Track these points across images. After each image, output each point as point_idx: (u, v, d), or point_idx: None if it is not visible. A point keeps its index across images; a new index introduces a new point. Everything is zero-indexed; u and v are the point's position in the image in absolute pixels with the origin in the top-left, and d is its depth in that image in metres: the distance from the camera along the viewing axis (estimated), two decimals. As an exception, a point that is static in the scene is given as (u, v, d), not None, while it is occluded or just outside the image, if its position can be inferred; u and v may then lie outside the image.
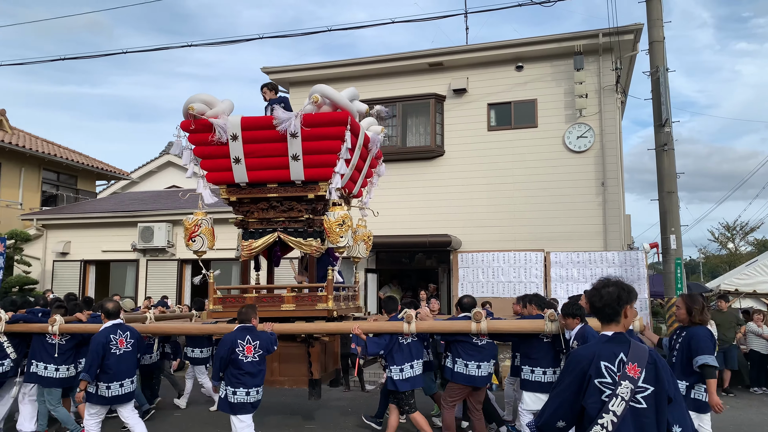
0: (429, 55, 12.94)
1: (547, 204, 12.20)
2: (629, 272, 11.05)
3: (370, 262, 13.17)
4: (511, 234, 12.29)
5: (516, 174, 12.48)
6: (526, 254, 11.85)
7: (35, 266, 15.13)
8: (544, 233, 12.09)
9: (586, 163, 12.14)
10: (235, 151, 6.61)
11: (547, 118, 12.47)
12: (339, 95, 6.47)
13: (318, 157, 6.47)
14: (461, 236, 12.50)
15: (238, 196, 6.91)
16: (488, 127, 12.87)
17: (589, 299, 2.93)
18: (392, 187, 13.11)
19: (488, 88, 12.87)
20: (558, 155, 12.31)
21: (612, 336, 2.79)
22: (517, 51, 12.50)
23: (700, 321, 5.04)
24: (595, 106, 12.17)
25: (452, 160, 12.96)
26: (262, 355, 5.88)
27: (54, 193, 20.05)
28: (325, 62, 13.53)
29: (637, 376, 2.64)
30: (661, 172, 10.43)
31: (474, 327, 5.98)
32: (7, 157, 17.87)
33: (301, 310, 6.57)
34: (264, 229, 6.92)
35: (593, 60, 12.23)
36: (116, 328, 6.26)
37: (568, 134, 12.30)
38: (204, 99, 6.65)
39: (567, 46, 12.16)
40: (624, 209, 12.76)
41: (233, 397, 5.71)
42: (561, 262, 11.64)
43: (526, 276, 11.83)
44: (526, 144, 12.53)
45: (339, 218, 6.31)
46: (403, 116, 13.21)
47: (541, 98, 12.55)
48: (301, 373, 6.53)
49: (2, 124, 18.36)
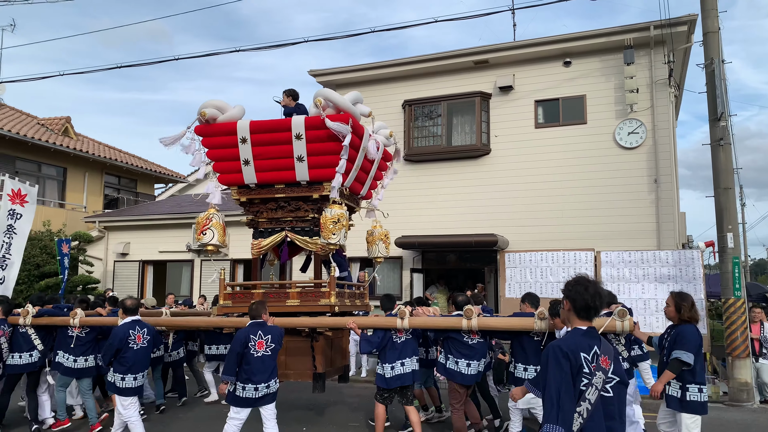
0: (474, 53, 12.85)
1: (597, 202, 11.91)
2: (684, 272, 10.68)
3: (416, 262, 13.18)
4: (560, 233, 12.06)
5: (564, 172, 12.24)
6: (576, 254, 11.61)
7: (97, 266, 15.85)
8: (594, 232, 11.80)
9: (638, 159, 11.78)
10: (244, 153, 6.94)
11: (597, 114, 12.17)
12: (341, 98, 6.65)
13: (321, 158, 6.70)
14: (508, 236, 12.35)
15: (248, 197, 7.24)
16: (535, 124, 12.66)
17: (571, 296, 3.00)
18: (438, 187, 13.10)
19: (535, 85, 12.68)
20: (608, 152, 11.99)
21: (586, 330, 2.96)
22: (564, 46, 12.25)
23: (689, 319, 5.06)
24: (646, 101, 11.80)
25: (498, 159, 12.82)
26: (275, 350, 6.05)
27: (115, 197, 20.96)
28: (370, 63, 13.63)
29: (608, 368, 2.87)
30: (717, 168, 10.02)
31: (465, 324, 6.07)
32: (72, 162, 18.80)
33: (305, 305, 6.82)
34: (273, 228, 7.23)
35: (644, 54, 11.86)
36: (135, 324, 6.64)
37: (618, 130, 11.97)
38: (216, 105, 7.04)
39: (616, 40, 11.84)
40: (678, 207, 12.32)
41: (242, 392, 5.88)
42: (612, 261, 11.35)
43: (575, 276, 11.58)
44: (574, 141, 12.27)
45: (335, 216, 6.51)
46: (448, 115, 13.16)
47: (590, 94, 12.26)
48: (306, 366, 6.74)
49: (68, 131, 19.33)
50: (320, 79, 14.01)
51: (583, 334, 2.94)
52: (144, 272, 16.00)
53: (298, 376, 6.85)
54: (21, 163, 17.26)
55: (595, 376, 2.82)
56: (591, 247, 11.52)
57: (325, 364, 6.74)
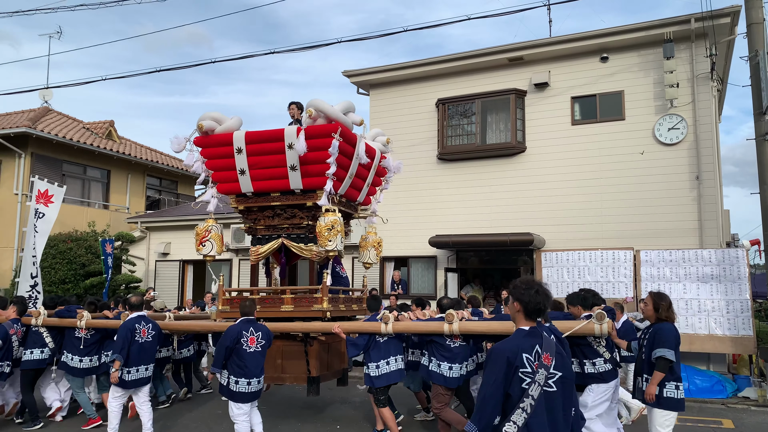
0: (509, 50, 12.70)
1: (636, 200, 11.64)
2: (728, 271, 10.35)
3: (451, 261, 13.13)
4: (598, 232, 11.83)
5: (602, 169, 12.00)
6: (614, 253, 11.37)
7: (139, 266, 16.28)
8: (633, 231, 11.54)
9: (679, 156, 11.47)
10: (240, 163, 7.21)
11: (635, 110, 11.90)
12: (332, 109, 6.84)
13: (313, 166, 6.89)
14: (545, 235, 12.18)
15: (245, 205, 7.52)
16: (572, 121, 12.45)
17: (523, 299, 3.14)
18: (472, 186, 13.01)
19: (571, 81, 12.47)
20: (648, 148, 11.70)
21: (529, 330, 3.12)
22: (601, 41, 12.01)
23: (667, 317, 5.18)
24: (687, 95, 11.47)
25: (534, 157, 12.66)
26: (264, 346, 6.31)
27: (157, 198, 21.49)
28: (403, 63, 13.61)
29: (549, 364, 3.01)
30: (762, 164, 9.68)
31: (446, 328, 6.22)
32: (115, 165, 19.37)
33: (299, 310, 7.05)
34: (270, 235, 7.48)
35: (685, 47, 11.53)
36: (140, 319, 6.98)
37: (658, 126, 11.68)
38: (213, 116, 7.36)
39: (655, 33, 11.53)
40: (722, 204, 11.95)
41: (235, 386, 6.13)
42: (652, 260, 11.08)
43: (614, 275, 11.36)
44: (612, 137, 12.02)
45: (329, 223, 6.69)
46: (482, 113, 13.06)
47: (628, 89, 11.98)
48: (302, 370, 6.94)
49: (111, 134, 19.92)
50: (354, 79, 14.08)
51: (526, 334, 3.10)
52: (184, 272, 16.36)
53: (294, 379, 7.09)
54: (67, 165, 17.87)
55: (538, 373, 2.97)
56: (630, 246, 11.27)
57: (320, 368, 6.94)
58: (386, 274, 13.61)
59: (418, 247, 13.10)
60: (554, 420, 2.99)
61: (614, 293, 11.21)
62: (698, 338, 10.39)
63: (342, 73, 14.11)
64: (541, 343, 3.05)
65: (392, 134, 13.85)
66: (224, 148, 7.25)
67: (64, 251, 15.20)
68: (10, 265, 16.18)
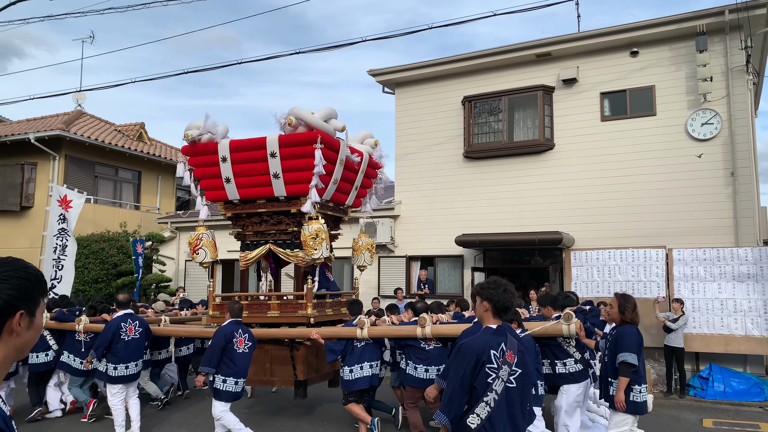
0: (536, 46, 12.52)
1: (668, 197, 11.35)
2: (765, 270, 10.05)
3: (477, 261, 13.00)
4: (629, 230, 11.57)
5: (633, 166, 11.73)
6: (646, 251, 11.14)
7: (170, 265, 16.51)
8: (665, 229, 11.26)
9: (713, 151, 11.15)
10: (225, 171, 7.33)
11: (667, 105, 11.60)
12: (311, 117, 6.93)
13: (296, 174, 6.98)
14: (574, 233, 11.96)
15: (233, 212, 7.67)
16: (601, 117, 12.21)
17: (492, 298, 3.30)
18: (499, 184, 12.86)
19: (601, 77, 12.22)
20: (680, 144, 11.41)
21: (496, 329, 3.30)
22: (631, 36, 11.74)
23: (631, 320, 5.17)
24: (721, 89, 11.14)
25: (563, 154, 12.45)
26: (251, 348, 6.51)
27: (187, 198, 21.77)
28: (429, 61, 13.53)
29: (512, 361, 3.22)
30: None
31: (419, 332, 6.34)
32: (146, 166, 19.68)
33: (284, 316, 7.19)
34: (258, 241, 7.60)
35: (719, 40, 11.21)
36: (127, 317, 7.18)
37: (690, 121, 11.37)
38: (199, 126, 7.48)
39: (688, 26, 11.23)
40: (758, 201, 11.60)
41: (222, 385, 6.30)
42: (685, 259, 10.82)
43: (645, 275, 11.12)
44: (643, 134, 11.74)
45: (313, 231, 6.81)
46: (509, 110, 12.89)
47: (659, 84, 11.70)
48: (289, 374, 7.11)
49: (142, 136, 20.25)
50: (379, 78, 14.05)
51: (493, 332, 3.29)
52: (213, 271, 16.52)
53: (282, 382, 7.33)
54: (99, 167, 18.23)
55: (502, 369, 3.17)
56: (662, 245, 11.02)
57: (307, 371, 7.11)
58: (412, 273, 13.55)
59: (444, 247, 13.01)
60: (513, 414, 3.21)
61: (646, 293, 10.98)
62: (734, 339, 10.10)
63: (367, 72, 14.08)
64: (506, 341, 3.25)
65: (418, 133, 13.83)
66: (210, 156, 7.41)
67: (96, 251, 15.51)
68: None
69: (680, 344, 9.97)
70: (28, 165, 17.05)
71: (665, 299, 10.60)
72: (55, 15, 11.91)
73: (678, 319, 9.94)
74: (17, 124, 19.85)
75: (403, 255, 13.62)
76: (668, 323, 9.95)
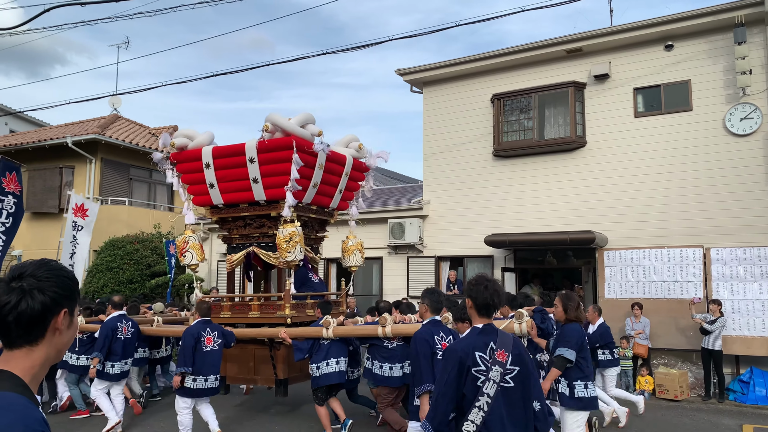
0: (566, 42, 12.26)
1: (705, 195, 10.99)
2: (809, 270, 9.64)
3: (508, 261, 12.81)
4: (664, 229, 11.24)
5: (668, 163, 11.39)
6: (682, 251, 10.82)
7: (202, 266, 16.67)
8: (702, 227, 10.90)
9: (753, 147, 10.74)
10: (209, 177, 7.57)
11: (704, 99, 11.23)
12: (287, 123, 7.11)
13: (273, 178, 7.16)
14: (607, 233, 11.68)
15: (219, 216, 7.91)
16: (635, 113, 11.89)
17: (472, 295, 3.23)
18: (530, 182, 12.65)
19: (634, 72, 11.90)
20: (718, 140, 11.03)
21: (482, 328, 3.19)
22: (665, 29, 11.40)
23: (575, 318, 5.33)
24: (761, 83, 10.72)
25: (595, 151, 12.17)
26: (221, 345, 6.77)
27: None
28: (457, 59, 13.39)
29: (504, 360, 3.04)
30: None
31: (380, 331, 6.48)
32: (179, 168, 19.97)
33: (264, 317, 7.42)
34: (242, 244, 7.83)
35: (758, 31, 10.80)
36: (121, 317, 7.69)
37: (729, 116, 10.98)
38: (186, 133, 7.88)
39: (725, 18, 10.84)
40: (802, 198, 11.12)
41: (193, 384, 6.57)
42: (724, 259, 10.47)
43: (682, 275, 10.80)
44: (679, 129, 11.39)
45: (287, 235, 6.94)
46: (539, 107, 12.67)
47: (695, 78, 11.33)
48: (271, 373, 7.35)
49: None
50: (407, 77, 13.97)
51: (479, 332, 3.17)
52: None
53: (264, 381, 7.58)
54: (134, 170, 18.59)
55: (492, 370, 3.01)
56: (699, 244, 10.69)
57: (288, 371, 7.34)
58: (442, 274, 13.44)
59: (473, 247, 12.86)
60: (514, 416, 3.03)
61: (682, 294, 10.67)
62: (776, 342, 9.72)
63: (395, 71, 14.02)
64: (495, 339, 3.10)
65: (446, 132, 13.71)
66: (195, 163, 7.65)
67: (131, 252, 15.80)
68: (83, 265, 16.96)
69: (718, 347, 9.66)
70: (66, 168, 17.50)
71: (701, 300, 10.27)
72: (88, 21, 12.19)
73: (715, 321, 9.62)
74: (56, 128, 20.41)
75: (431, 255, 13.52)
76: (705, 325, 9.64)
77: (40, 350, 1.55)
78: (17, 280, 1.54)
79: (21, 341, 1.54)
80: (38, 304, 1.53)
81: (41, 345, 1.55)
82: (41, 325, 1.54)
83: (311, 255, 8.20)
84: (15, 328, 1.52)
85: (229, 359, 7.54)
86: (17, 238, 17.75)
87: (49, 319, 1.54)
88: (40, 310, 1.53)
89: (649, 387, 10.09)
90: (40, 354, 1.55)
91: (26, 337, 1.54)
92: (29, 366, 1.54)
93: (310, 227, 8.23)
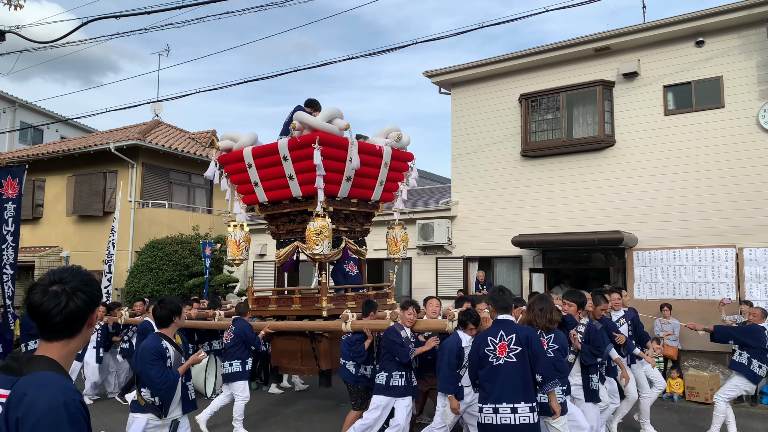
0: (594, 40, 12.15)
1: (738, 194, 10.73)
2: None
3: (537, 262, 12.77)
4: (695, 229, 11.03)
5: (699, 161, 11.17)
6: (714, 251, 10.62)
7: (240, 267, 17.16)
8: (735, 227, 10.66)
9: (788, 144, 10.45)
10: (253, 176, 7.82)
11: (736, 96, 10.97)
12: (313, 119, 7.25)
13: (307, 175, 7.30)
14: (636, 233, 11.53)
15: (267, 213, 8.15)
16: (665, 111, 11.70)
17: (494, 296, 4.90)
18: (558, 182, 12.59)
19: (663, 69, 11.71)
20: (751, 137, 10.76)
21: (499, 320, 4.77)
22: (696, 25, 11.17)
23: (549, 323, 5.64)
24: (796, 77, 10.43)
25: (624, 150, 12.02)
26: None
27: (256, 201, 22.53)
28: (484, 59, 13.40)
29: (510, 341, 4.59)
30: None
31: (344, 327, 6.78)
32: (217, 171, 20.52)
33: (305, 309, 7.64)
34: (288, 239, 8.01)
35: (792, 24, 10.49)
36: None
37: (763, 113, 10.70)
38: (230, 136, 8.22)
39: (758, 12, 10.57)
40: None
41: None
42: (758, 259, 10.23)
43: (714, 276, 10.60)
44: (710, 127, 11.16)
45: (317, 228, 7.06)
46: (567, 107, 12.58)
47: (727, 75, 11.08)
48: (314, 364, 7.60)
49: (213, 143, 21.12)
50: (435, 79, 14.06)
51: (496, 323, 4.79)
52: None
53: (310, 372, 7.84)
54: (174, 174, 19.22)
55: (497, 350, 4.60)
56: (732, 244, 10.47)
57: (329, 362, 7.51)
58: (470, 274, 13.48)
59: (502, 247, 12.86)
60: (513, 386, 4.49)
61: (714, 294, 10.47)
62: (811, 345, 9.42)
63: (423, 73, 14.13)
64: (506, 329, 4.64)
65: (474, 132, 13.74)
66: (240, 163, 7.91)
67: (170, 253, 16.37)
68: (125, 266, 17.67)
69: (750, 349, 9.41)
70: (109, 173, 18.23)
71: (732, 301, 10.06)
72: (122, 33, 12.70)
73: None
74: (101, 134, 21.26)
75: (460, 256, 13.59)
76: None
77: (75, 342, 1.90)
78: (59, 284, 1.86)
79: (61, 335, 1.87)
80: (82, 304, 1.87)
81: (77, 338, 1.90)
82: (81, 322, 1.89)
83: (354, 248, 8.29)
84: (60, 325, 1.85)
85: (280, 351, 7.93)
86: (65, 240, 18.68)
87: (87, 316, 1.90)
88: (84, 309, 1.88)
89: (679, 389, 9.94)
90: (75, 345, 1.91)
91: (68, 332, 1.88)
92: (65, 354, 1.89)
93: (353, 220, 8.33)
